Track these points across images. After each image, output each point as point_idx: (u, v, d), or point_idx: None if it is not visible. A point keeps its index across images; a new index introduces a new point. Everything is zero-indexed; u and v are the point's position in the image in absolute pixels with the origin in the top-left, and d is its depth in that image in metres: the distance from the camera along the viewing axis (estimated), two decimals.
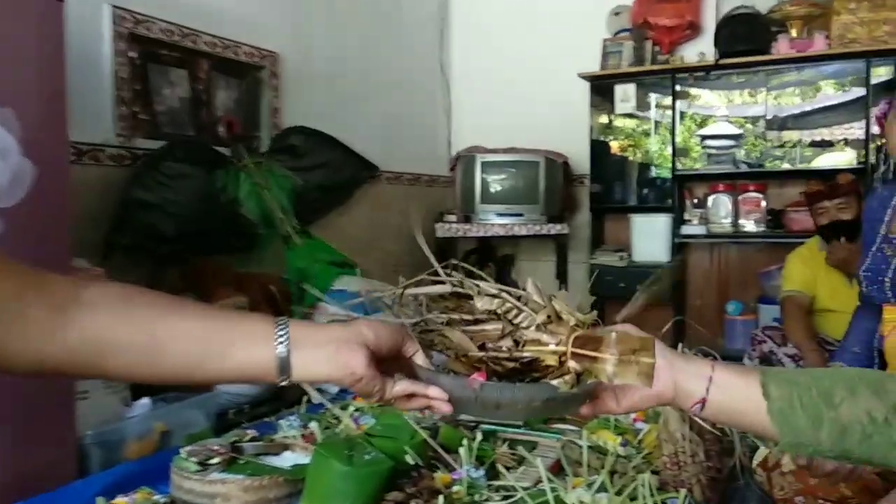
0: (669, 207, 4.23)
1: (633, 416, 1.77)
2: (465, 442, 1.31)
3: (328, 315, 1.89)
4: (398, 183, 4.45)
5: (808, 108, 4.04)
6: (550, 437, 1.54)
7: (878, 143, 3.61)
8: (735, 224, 4.12)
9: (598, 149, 4.40)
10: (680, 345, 1.39)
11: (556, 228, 4.32)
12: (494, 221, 4.37)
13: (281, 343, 0.77)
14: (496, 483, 1.25)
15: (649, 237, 4.28)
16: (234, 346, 0.76)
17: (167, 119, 3.04)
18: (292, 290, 3.03)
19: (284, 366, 0.77)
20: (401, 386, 0.81)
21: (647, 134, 4.32)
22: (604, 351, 0.81)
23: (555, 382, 0.81)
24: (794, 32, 3.79)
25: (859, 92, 3.79)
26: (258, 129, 3.47)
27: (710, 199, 4.17)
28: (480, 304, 0.87)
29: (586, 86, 4.37)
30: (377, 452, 1.18)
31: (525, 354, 0.85)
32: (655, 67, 4.21)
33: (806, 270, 3.23)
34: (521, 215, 4.34)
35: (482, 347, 0.86)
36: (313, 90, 3.71)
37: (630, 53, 4.27)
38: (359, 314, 0.96)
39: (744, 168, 4.15)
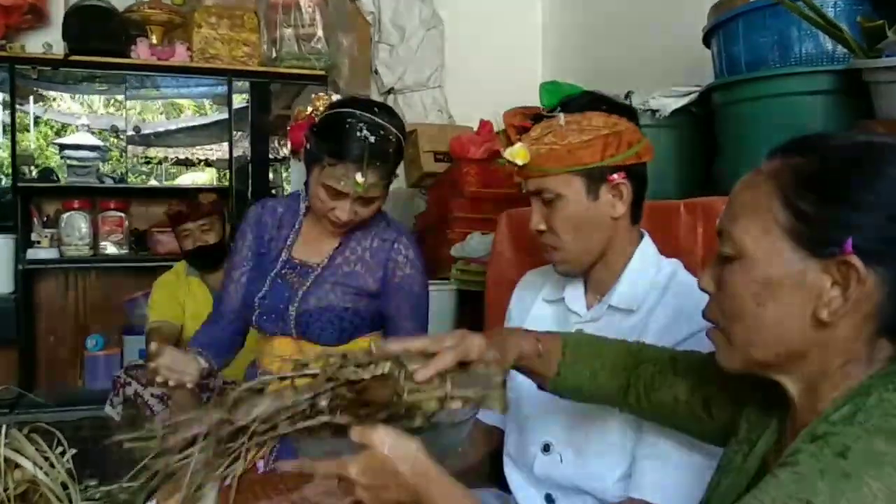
0: (12, 227, 3.43)
1: None
2: None
3: None
4: None
5: (172, 127, 3.91)
6: None
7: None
8: (95, 246, 3.57)
9: None
10: None
11: None
12: None
13: None
14: None
15: None
16: None
17: None
18: None
19: None
20: None
21: None
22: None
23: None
24: (154, 39, 3.48)
25: (222, 114, 3.73)
26: None
27: (64, 218, 3.53)
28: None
29: None
30: None
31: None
32: None
33: (172, 298, 2.98)
34: None
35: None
36: None
37: None
38: None
39: (109, 182, 3.68)
